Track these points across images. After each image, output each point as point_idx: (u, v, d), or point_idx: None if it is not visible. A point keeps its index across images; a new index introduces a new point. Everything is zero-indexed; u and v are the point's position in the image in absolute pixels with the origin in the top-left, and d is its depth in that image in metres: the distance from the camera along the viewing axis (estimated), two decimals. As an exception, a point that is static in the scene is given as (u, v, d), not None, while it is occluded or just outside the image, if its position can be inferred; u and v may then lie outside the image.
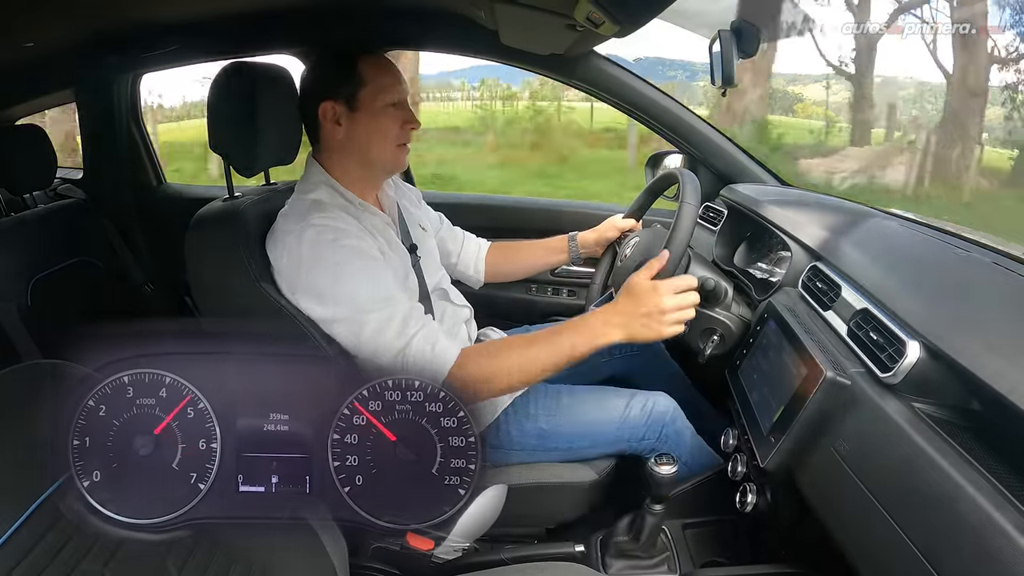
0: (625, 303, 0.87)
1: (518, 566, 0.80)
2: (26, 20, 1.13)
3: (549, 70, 1.41)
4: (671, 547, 0.98)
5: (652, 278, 0.87)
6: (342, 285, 0.87)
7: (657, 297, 0.84)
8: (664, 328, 0.85)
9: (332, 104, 0.96)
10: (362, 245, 0.90)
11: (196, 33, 1.45)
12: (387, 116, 0.97)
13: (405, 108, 0.99)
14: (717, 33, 1.13)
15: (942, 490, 0.53)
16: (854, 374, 0.70)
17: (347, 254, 0.88)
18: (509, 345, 0.90)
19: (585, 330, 0.87)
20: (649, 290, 0.85)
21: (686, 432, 1.08)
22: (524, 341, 0.88)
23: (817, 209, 1.13)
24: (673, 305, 0.84)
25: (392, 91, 0.97)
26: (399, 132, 0.99)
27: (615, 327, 0.86)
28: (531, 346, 0.87)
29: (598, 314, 0.88)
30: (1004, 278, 0.78)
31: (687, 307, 0.86)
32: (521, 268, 1.30)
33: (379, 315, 0.86)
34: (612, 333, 0.86)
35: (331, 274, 0.87)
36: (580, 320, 0.88)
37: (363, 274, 0.88)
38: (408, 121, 0.99)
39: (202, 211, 1.01)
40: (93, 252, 1.61)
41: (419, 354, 0.86)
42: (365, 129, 0.97)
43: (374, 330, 0.86)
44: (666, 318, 0.84)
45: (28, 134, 1.54)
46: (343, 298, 0.87)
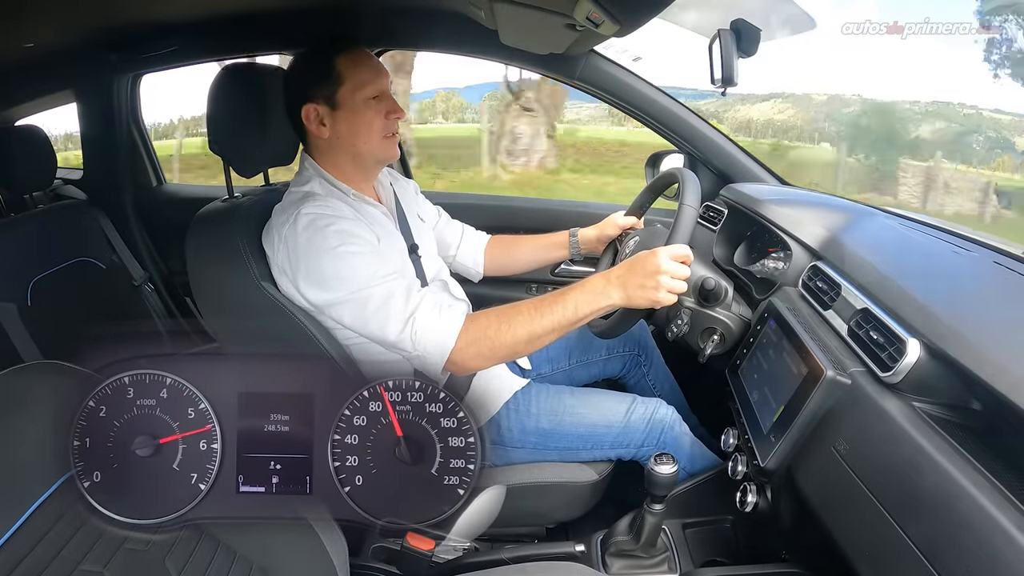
0: (624, 266, 0.89)
1: (518, 566, 0.80)
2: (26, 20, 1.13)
3: (549, 70, 1.41)
4: (671, 547, 0.98)
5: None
6: (340, 266, 0.88)
7: (654, 258, 0.86)
8: (658, 293, 0.85)
9: (314, 106, 0.96)
10: (356, 228, 0.91)
11: (196, 33, 1.45)
12: (370, 110, 0.97)
13: (387, 99, 0.99)
14: (717, 32, 1.12)
15: (942, 489, 0.53)
16: (854, 373, 0.70)
17: (342, 237, 0.88)
18: (515, 308, 0.90)
19: (587, 291, 0.88)
20: (647, 255, 0.87)
21: (685, 439, 1.09)
22: (529, 304, 0.89)
23: (817, 208, 1.13)
24: (669, 269, 0.85)
25: (371, 85, 0.96)
26: (384, 123, 0.98)
27: (615, 287, 0.87)
28: (536, 308, 0.88)
29: (599, 276, 0.90)
30: (1004, 277, 0.78)
31: (680, 277, 0.86)
32: (521, 262, 1.29)
33: (381, 289, 0.87)
34: (612, 293, 0.87)
35: (328, 257, 0.88)
36: (582, 282, 0.90)
37: (360, 254, 0.89)
38: (392, 111, 0.99)
39: (202, 211, 1.01)
40: (93, 252, 1.61)
41: (426, 321, 0.87)
42: (349, 126, 0.97)
43: (378, 304, 0.87)
44: (661, 280, 0.85)
45: (28, 134, 1.54)
46: (343, 278, 0.88)
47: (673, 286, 0.86)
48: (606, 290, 0.87)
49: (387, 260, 0.92)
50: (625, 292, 0.87)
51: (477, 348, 0.87)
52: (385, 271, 0.89)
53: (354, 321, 0.89)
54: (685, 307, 0.99)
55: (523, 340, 0.88)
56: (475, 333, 0.87)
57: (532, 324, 0.87)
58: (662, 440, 1.06)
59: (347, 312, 0.89)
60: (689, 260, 0.88)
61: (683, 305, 0.99)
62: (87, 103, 1.70)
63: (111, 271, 1.64)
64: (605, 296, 0.87)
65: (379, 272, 0.88)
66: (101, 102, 1.67)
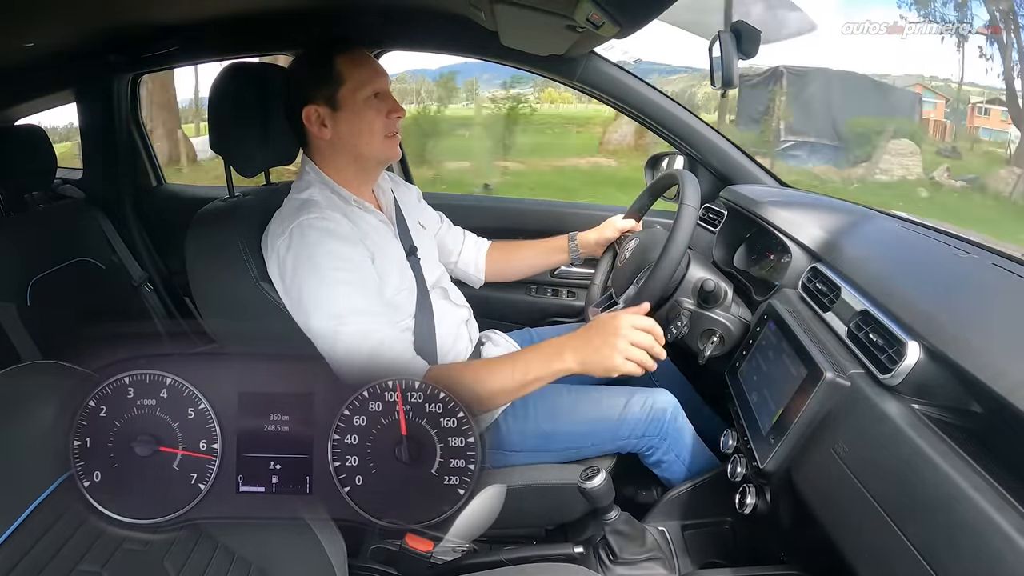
0: (584, 331, 0.85)
1: (517, 567, 0.80)
2: (27, 20, 1.13)
3: (548, 71, 1.41)
4: (670, 548, 0.98)
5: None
6: (323, 293, 0.87)
7: (614, 322, 0.82)
8: (615, 359, 0.81)
9: (315, 108, 0.96)
10: (346, 250, 0.90)
11: (196, 34, 1.45)
12: (371, 109, 0.97)
13: (388, 98, 0.99)
14: (717, 34, 1.13)
15: (942, 491, 0.53)
16: (854, 375, 0.70)
17: (331, 259, 0.88)
18: (470, 367, 0.90)
19: (540, 355, 0.84)
20: (608, 319, 0.84)
21: (686, 430, 1.08)
22: (484, 364, 0.89)
23: (817, 210, 1.13)
24: (628, 335, 0.81)
25: (372, 83, 0.96)
26: (385, 122, 0.98)
27: (570, 351, 0.83)
28: (489, 369, 0.86)
29: (555, 340, 0.86)
30: (1004, 279, 0.78)
31: (643, 347, 0.82)
32: (521, 267, 1.30)
33: (354, 328, 0.85)
34: (567, 358, 0.83)
35: (315, 280, 0.87)
36: (537, 345, 0.87)
37: (346, 283, 0.87)
38: (393, 110, 0.98)
39: (202, 211, 1.01)
40: (93, 252, 1.61)
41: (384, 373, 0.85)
42: (350, 126, 0.96)
43: (346, 342, 0.85)
44: (619, 345, 0.80)
45: (28, 134, 1.54)
46: (322, 304, 0.86)
47: (633, 355, 0.81)
48: (560, 353, 0.83)
49: (372, 293, 0.90)
50: (580, 356, 0.82)
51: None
52: (363, 306, 0.87)
53: (321, 346, 0.87)
54: (684, 309, 0.99)
55: (476, 399, 0.86)
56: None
57: (477, 386, 0.83)
58: (663, 430, 1.06)
59: (316, 338, 0.87)
60: (655, 332, 0.83)
61: (683, 307, 0.99)
62: (87, 103, 1.70)
63: (111, 271, 1.64)
64: (559, 360, 0.83)
65: (357, 306, 0.86)
66: (101, 102, 1.67)
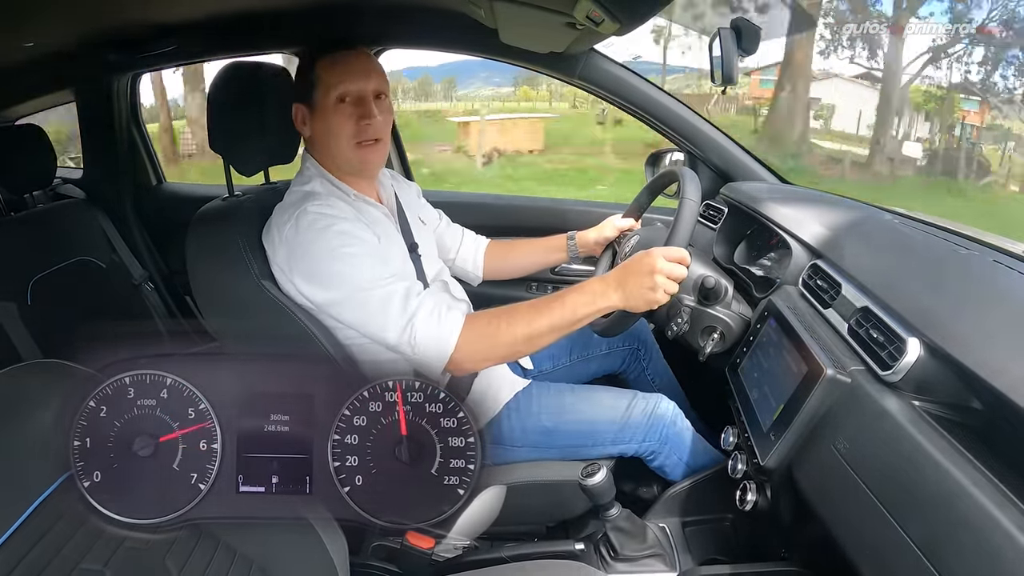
0: (621, 268, 0.89)
1: (518, 564, 0.80)
2: (26, 20, 1.13)
3: (548, 68, 1.40)
4: (671, 545, 0.98)
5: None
6: (340, 267, 0.88)
7: (649, 259, 0.86)
8: (655, 293, 0.86)
9: (299, 107, 0.96)
10: (357, 229, 0.91)
11: (195, 33, 1.45)
12: (339, 113, 0.93)
13: (360, 104, 0.94)
14: (717, 31, 1.12)
15: (942, 488, 0.53)
16: (854, 372, 0.70)
17: (344, 238, 0.88)
18: (515, 308, 0.90)
19: (586, 293, 0.88)
20: (643, 255, 0.87)
21: (687, 433, 1.08)
22: (528, 306, 0.89)
23: (817, 207, 1.13)
24: (664, 268, 0.85)
25: (340, 85, 0.93)
26: (356, 129, 0.94)
27: (613, 289, 0.87)
28: (535, 308, 0.88)
29: (597, 279, 0.90)
30: (1004, 276, 0.78)
31: (675, 278, 0.87)
32: (520, 265, 1.30)
33: (380, 291, 0.87)
34: (610, 295, 0.87)
35: (329, 257, 0.88)
36: (580, 285, 0.90)
37: (360, 255, 0.89)
38: (363, 117, 0.93)
39: (202, 210, 1.01)
40: (93, 252, 1.61)
41: (425, 325, 0.87)
42: (322, 129, 0.96)
43: (377, 307, 0.87)
44: (657, 280, 0.85)
45: (28, 134, 1.54)
46: (343, 279, 0.88)
47: (668, 286, 0.86)
48: (605, 292, 0.88)
49: (387, 262, 0.92)
50: (623, 294, 0.87)
51: (476, 348, 0.87)
52: (385, 273, 0.89)
53: (354, 321, 0.90)
54: (685, 306, 0.99)
55: (522, 339, 0.88)
56: (474, 334, 0.87)
57: (531, 324, 0.87)
58: (664, 435, 1.06)
59: (347, 312, 0.89)
60: (686, 261, 0.88)
61: (683, 304, 0.99)
62: (87, 102, 1.70)
63: (111, 270, 1.64)
64: (604, 298, 0.88)
65: (378, 274, 0.88)
66: (100, 101, 1.67)
